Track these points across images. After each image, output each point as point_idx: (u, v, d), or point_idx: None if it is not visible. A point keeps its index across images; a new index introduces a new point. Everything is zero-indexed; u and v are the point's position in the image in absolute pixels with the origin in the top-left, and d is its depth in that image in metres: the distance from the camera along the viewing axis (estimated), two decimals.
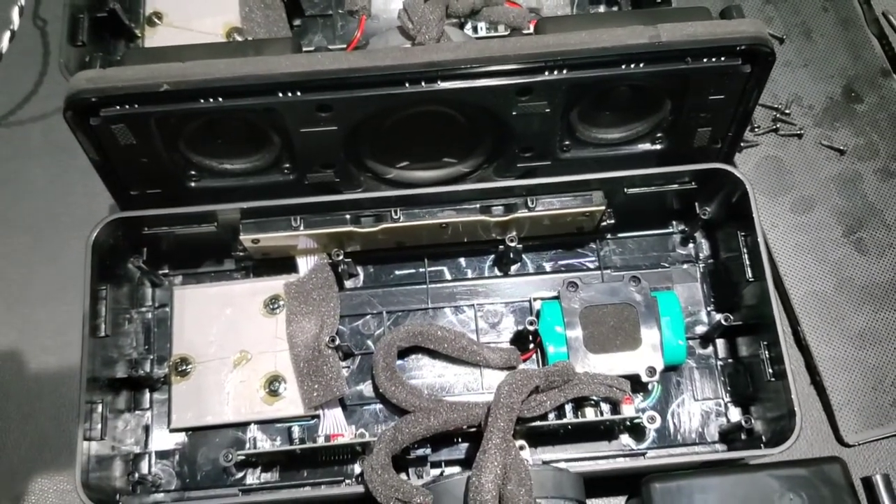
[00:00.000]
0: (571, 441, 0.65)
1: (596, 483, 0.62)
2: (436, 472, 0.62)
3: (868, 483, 0.49)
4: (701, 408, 0.67)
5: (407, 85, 0.56)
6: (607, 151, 0.66)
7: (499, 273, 0.71)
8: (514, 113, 0.59)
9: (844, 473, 0.51)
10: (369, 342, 0.69)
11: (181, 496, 0.65)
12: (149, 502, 0.64)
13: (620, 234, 0.72)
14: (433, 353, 0.68)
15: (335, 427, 0.65)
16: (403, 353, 0.68)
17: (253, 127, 0.60)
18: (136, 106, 0.56)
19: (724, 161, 0.65)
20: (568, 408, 0.62)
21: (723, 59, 0.57)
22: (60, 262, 0.75)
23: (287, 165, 0.63)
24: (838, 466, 0.51)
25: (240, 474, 0.65)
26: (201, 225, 0.65)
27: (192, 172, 0.64)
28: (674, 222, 0.72)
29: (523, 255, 0.71)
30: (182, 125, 0.59)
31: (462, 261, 0.72)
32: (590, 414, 0.62)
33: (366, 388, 0.67)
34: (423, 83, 0.56)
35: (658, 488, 0.50)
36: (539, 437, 0.64)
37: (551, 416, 0.61)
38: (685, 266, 0.71)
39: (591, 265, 0.71)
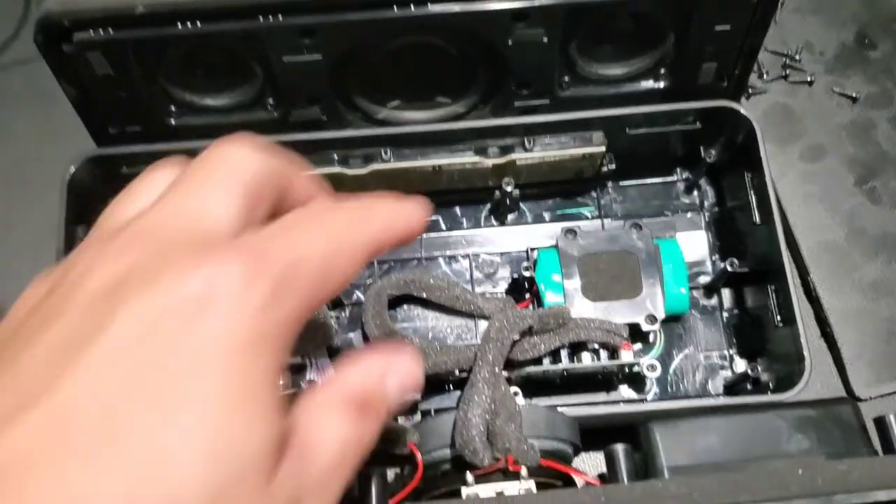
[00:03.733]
0: (569, 391, 0.61)
1: (594, 435, 0.59)
2: None
3: (881, 424, 0.46)
4: (705, 360, 0.64)
5: (395, 8, 0.53)
6: (608, 89, 0.63)
7: (495, 223, 0.68)
8: (509, 42, 0.56)
9: (856, 414, 0.47)
10: (359, 293, 0.66)
11: None
12: None
13: (622, 182, 0.69)
14: (425, 303, 0.65)
15: (322, 376, 0.62)
16: (395, 304, 0.65)
17: (234, 57, 0.57)
18: (111, 31, 0.53)
19: (732, 100, 0.62)
20: (564, 354, 0.59)
21: None
22: (38, 212, 0.72)
23: (271, 101, 0.61)
24: (850, 407, 0.48)
25: None
26: None
27: (173, 108, 0.61)
28: (678, 169, 0.69)
29: (521, 204, 0.68)
30: (160, 54, 0.57)
31: (457, 209, 0.69)
32: (586, 360, 0.59)
33: (355, 337, 0.64)
34: (412, 6, 0.53)
35: (658, 429, 0.47)
36: (535, 386, 0.61)
37: (546, 361, 0.58)
38: (689, 215, 0.68)
39: (591, 214, 0.68)
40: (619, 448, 0.47)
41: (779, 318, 0.58)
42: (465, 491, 0.46)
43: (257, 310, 0.25)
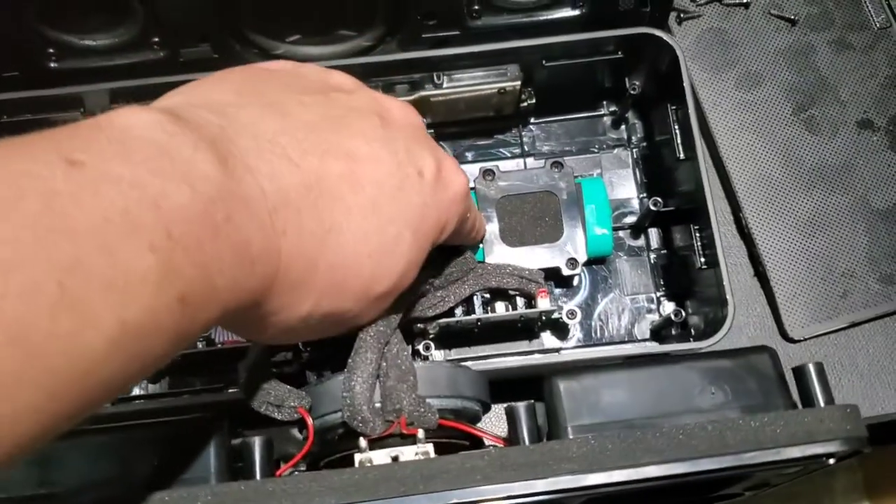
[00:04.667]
0: (490, 341, 0.58)
1: (514, 388, 0.56)
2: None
3: (800, 373, 0.44)
4: (632, 303, 0.61)
5: None
6: (523, 18, 0.58)
7: None
8: None
9: (774, 363, 0.45)
10: None
11: None
12: None
13: (545, 119, 0.65)
14: None
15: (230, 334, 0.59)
16: None
17: None
18: None
19: (656, 27, 0.58)
20: (477, 303, 0.56)
21: None
22: None
23: (156, 39, 0.56)
24: (767, 356, 0.45)
25: None
26: (67, 111, 0.57)
27: (51, 50, 0.56)
28: (604, 103, 0.65)
29: (440, 143, 0.64)
30: None
31: None
32: (500, 309, 0.55)
33: None
34: None
35: (563, 384, 0.44)
36: (453, 337, 0.57)
37: (459, 311, 0.55)
38: (616, 151, 0.64)
39: (514, 153, 0.65)
40: (521, 406, 0.44)
41: (703, 259, 0.55)
42: (358, 457, 0.43)
43: (458, 212, 0.44)
